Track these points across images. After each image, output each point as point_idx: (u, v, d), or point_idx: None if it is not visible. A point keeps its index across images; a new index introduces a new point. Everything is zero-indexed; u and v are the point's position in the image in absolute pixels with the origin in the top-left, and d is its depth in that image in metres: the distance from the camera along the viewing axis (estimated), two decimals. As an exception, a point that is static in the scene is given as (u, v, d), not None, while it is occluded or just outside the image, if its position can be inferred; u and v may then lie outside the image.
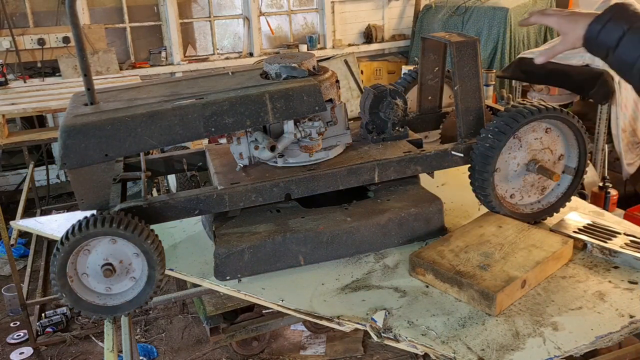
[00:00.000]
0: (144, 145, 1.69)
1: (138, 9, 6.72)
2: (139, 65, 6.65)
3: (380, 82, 2.67)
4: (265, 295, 1.74)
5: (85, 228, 1.56)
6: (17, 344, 4.15)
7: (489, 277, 1.64)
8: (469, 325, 1.57)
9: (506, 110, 1.94)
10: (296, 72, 1.88)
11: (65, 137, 1.61)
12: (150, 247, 1.61)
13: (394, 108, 2.09)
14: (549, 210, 2.09)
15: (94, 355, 4.03)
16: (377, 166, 1.93)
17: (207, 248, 1.99)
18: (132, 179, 2.00)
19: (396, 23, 8.07)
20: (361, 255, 1.92)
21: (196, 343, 4.10)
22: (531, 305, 1.64)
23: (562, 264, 1.82)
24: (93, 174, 1.66)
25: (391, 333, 1.56)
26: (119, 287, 1.68)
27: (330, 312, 1.65)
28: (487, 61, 6.56)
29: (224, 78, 2.00)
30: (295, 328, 4.17)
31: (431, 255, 1.77)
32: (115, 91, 1.95)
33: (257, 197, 1.83)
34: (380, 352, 3.92)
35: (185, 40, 7.01)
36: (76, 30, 1.67)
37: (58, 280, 1.59)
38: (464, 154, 2.01)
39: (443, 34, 2.11)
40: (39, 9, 6.16)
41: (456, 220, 2.12)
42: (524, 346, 1.48)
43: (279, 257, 1.84)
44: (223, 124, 1.73)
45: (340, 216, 1.92)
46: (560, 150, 2.04)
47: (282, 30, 7.60)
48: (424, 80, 2.35)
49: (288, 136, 1.87)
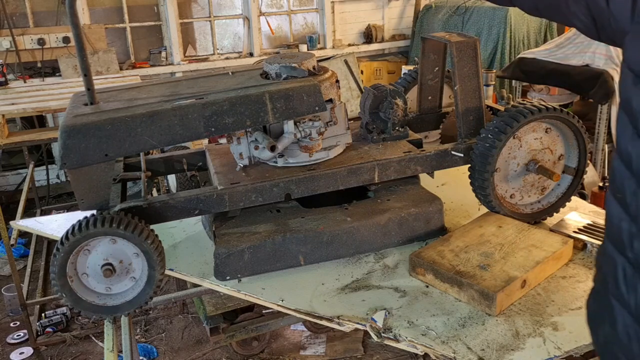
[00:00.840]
0: (144, 145, 1.69)
1: (138, 9, 6.71)
2: (139, 65, 6.65)
3: (380, 82, 2.67)
4: (265, 295, 1.74)
5: (86, 228, 1.56)
6: (17, 344, 4.15)
7: (489, 277, 1.64)
8: (469, 325, 1.57)
9: (506, 110, 1.94)
10: (296, 72, 1.88)
11: (65, 137, 1.61)
12: (150, 247, 1.61)
13: (394, 108, 2.09)
14: (549, 210, 2.09)
15: (94, 355, 4.03)
16: (377, 166, 1.93)
17: (207, 248, 1.99)
18: (132, 179, 2.00)
19: (396, 23, 8.06)
20: (361, 255, 1.92)
21: (196, 343, 4.10)
22: (531, 305, 1.64)
23: (562, 264, 1.82)
24: (93, 174, 1.66)
25: (391, 333, 1.56)
26: (119, 287, 1.68)
27: (330, 312, 1.65)
28: (487, 61, 6.56)
29: (224, 78, 2.00)
30: (295, 328, 4.17)
31: (431, 255, 1.77)
32: (115, 91, 1.95)
33: (257, 197, 1.83)
34: (380, 352, 3.91)
35: (185, 40, 7.01)
36: (76, 30, 1.67)
37: (58, 280, 1.59)
38: (464, 154, 2.01)
39: (443, 34, 2.11)
40: (39, 9, 6.15)
41: (456, 220, 2.12)
42: (524, 346, 1.48)
43: (279, 257, 1.84)
44: (223, 124, 1.73)
45: (340, 216, 1.92)
46: (560, 150, 2.04)
47: (282, 30, 7.60)
48: (424, 80, 2.35)
49: (288, 136, 1.87)
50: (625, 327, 1.08)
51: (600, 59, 4.60)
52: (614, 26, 1.10)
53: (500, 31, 6.52)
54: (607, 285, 1.14)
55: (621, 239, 1.07)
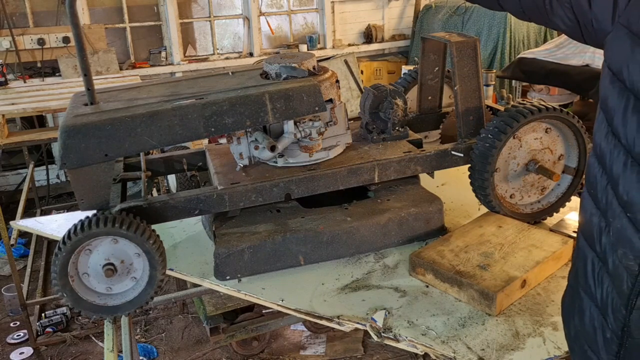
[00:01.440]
0: (144, 145, 1.69)
1: (138, 9, 6.71)
2: (139, 65, 6.65)
3: (380, 82, 2.67)
4: (265, 295, 1.74)
5: (88, 228, 1.56)
6: (17, 344, 4.15)
7: (489, 277, 1.64)
8: (469, 325, 1.57)
9: (506, 110, 1.94)
10: (296, 72, 1.88)
11: (65, 137, 1.61)
12: (152, 248, 1.61)
13: (394, 108, 2.09)
14: (549, 210, 2.09)
15: (94, 355, 4.03)
16: (377, 166, 1.93)
17: (207, 248, 1.99)
18: (132, 179, 2.00)
19: (396, 23, 8.06)
20: (361, 255, 1.93)
21: (196, 343, 4.10)
22: (531, 305, 1.64)
23: (562, 264, 1.82)
24: (93, 174, 1.66)
25: (391, 333, 1.56)
26: (120, 287, 1.68)
27: (330, 312, 1.66)
28: (487, 61, 6.56)
29: (224, 78, 2.00)
30: (295, 328, 4.17)
31: (431, 255, 1.77)
32: (115, 91, 1.95)
33: (257, 197, 1.83)
34: (380, 352, 3.91)
35: (185, 40, 7.01)
36: (76, 30, 1.67)
37: (59, 279, 1.59)
38: (464, 154, 2.01)
39: (443, 34, 2.11)
40: (39, 9, 6.15)
41: (456, 220, 2.12)
42: (524, 346, 1.49)
43: (279, 257, 1.84)
44: (223, 124, 1.73)
45: (340, 216, 1.92)
46: (560, 150, 2.04)
47: (282, 30, 7.60)
48: (424, 80, 2.35)
49: (288, 136, 1.87)
50: (591, 319, 1.13)
51: (600, 59, 4.59)
52: (596, 27, 1.12)
53: (500, 31, 6.52)
54: (578, 279, 1.18)
55: (592, 234, 1.11)
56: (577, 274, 1.18)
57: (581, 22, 1.16)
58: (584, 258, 1.14)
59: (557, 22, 1.23)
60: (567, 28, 1.22)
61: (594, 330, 1.12)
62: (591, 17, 1.12)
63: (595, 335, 1.12)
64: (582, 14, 1.15)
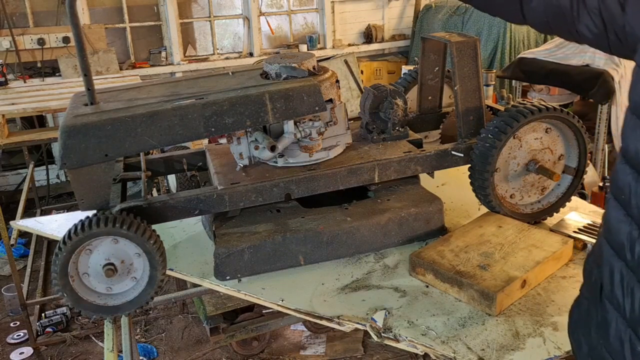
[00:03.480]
0: (144, 145, 1.69)
1: (138, 9, 6.72)
2: (139, 65, 6.65)
3: (380, 82, 2.67)
4: (265, 295, 1.74)
5: (88, 227, 1.56)
6: (17, 344, 4.15)
7: (489, 277, 1.64)
8: (469, 325, 1.57)
9: (506, 110, 1.94)
10: (296, 72, 1.88)
11: (65, 137, 1.61)
12: (152, 248, 1.61)
13: (394, 108, 2.09)
14: (549, 210, 2.09)
15: (94, 355, 4.03)
16: (377, 166, 1.93)
17: (207, 248, 1.99)
18: (132, 179, 2.00)
19: (396, 23, 8.06)
20: (361, 255, 1.93)
21: (196, 343, 4.10)
22: (531, 305, 1.64)
23: (562, 264, 1.82)
24: (93, 174, 1.66)
25: (391, 333, 1.56)
26: (120, 287, 1.68)
27: (330, 312, 1.66)
28: (487, 61, 6.56)
29: (224, 78, 2.00)
30: (295, 328, 4.17)
31: (431, 255, 1.77)
32: (115, 91, 1.95)
33: (257, 197, 1.83)
34: (380, 352, 3.91)
35: (185, 40, 7.01)
36: (76, 30, 1.67)
37: (59, 279, 1.59)
38: (464, 154, 2.01)
39: (443, 34, 2.11)
40: (39, 8, 6.15)
41: (456, 220, 2.12)
42: (524, 346, 1.48)
43: (279, 257, 1.84)
44: (223, 124, 1.73)
45: (340, 216, 1.92)
46: (560, 150, 2.04)
47: (282, 30, 7.60)
48: (424, 80, 2.35)
49: (288, 136, 1.87)
50: (617, 332, 1.07)
51: (600, 59, 4.60)
52: (629, 32, 1.08)
53: (500, 31, 6.52)
54: (596, 291, 1.12)
55: (621, 242, 1.05)
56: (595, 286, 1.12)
57: (609, 29, 1.12)
58: (610, 267, 1.08)
59: (582, 31, 1.19)
60: (593, 36, 1.17)
61: (620, 343, 1.06)
62: (624, 22, 1.08)
63: (623, 349, 1.06)
64: (612, 19, 1.11)
